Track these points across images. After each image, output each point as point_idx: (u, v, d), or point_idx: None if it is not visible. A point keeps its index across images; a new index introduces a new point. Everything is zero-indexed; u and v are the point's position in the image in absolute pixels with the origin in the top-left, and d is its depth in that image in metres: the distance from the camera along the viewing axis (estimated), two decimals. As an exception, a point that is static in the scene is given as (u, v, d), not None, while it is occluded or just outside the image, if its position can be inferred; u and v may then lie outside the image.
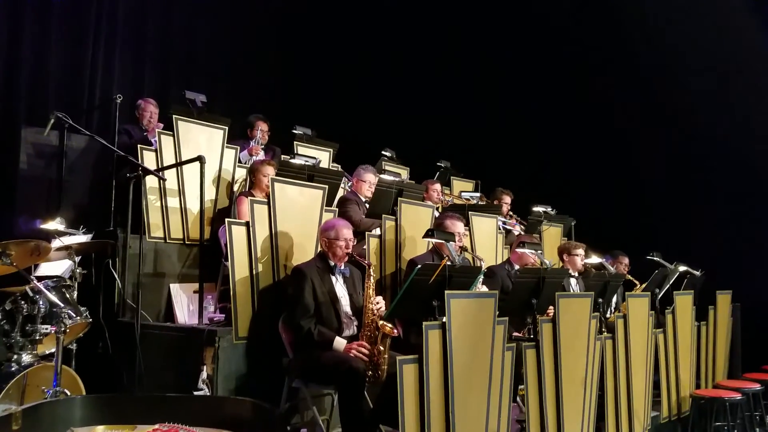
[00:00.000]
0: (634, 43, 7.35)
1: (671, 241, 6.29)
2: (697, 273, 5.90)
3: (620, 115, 7.53)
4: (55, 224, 4.01)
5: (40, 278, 3.47)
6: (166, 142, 4.84)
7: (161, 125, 5.15)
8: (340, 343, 3.45)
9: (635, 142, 7.35)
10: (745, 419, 5.36)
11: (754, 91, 6.77)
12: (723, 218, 6.87)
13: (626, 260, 6.09)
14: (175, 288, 4.57)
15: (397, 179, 5.32)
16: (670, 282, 5.69)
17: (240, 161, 5.29)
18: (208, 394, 3.55)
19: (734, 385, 5.37)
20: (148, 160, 4.71)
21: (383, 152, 7.03)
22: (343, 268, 3.69)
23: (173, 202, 4.82)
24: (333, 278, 3.64)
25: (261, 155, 5.48)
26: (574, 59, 7.77)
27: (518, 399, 3.94)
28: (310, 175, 4.37)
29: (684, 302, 5.38)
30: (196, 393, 3.54)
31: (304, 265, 3.67)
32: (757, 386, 5.34)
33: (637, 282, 5.68)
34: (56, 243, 3.76)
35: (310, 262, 3.75)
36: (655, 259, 5.95)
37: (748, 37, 6.64)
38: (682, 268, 5.79)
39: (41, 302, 3.32)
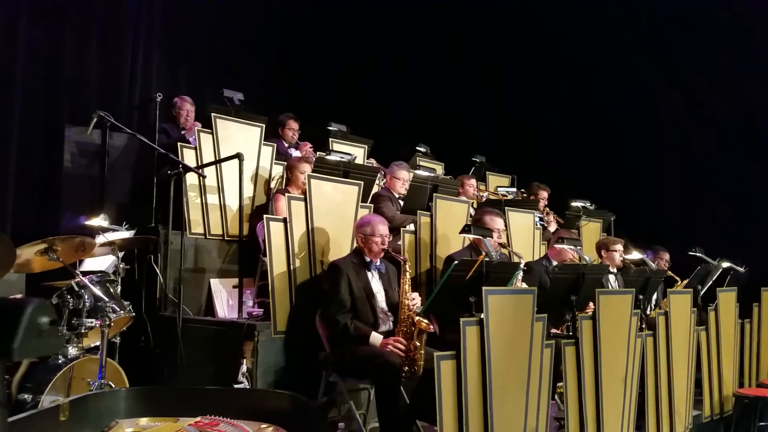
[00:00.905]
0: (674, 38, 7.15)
1: (714, 237, 6.13)
2: (741, 269, 5.74)
3: (661, 108, 7.35)
4: (98, 221, 4.09)
5: (85, 273, 3.57)
6: (205, 139, 4.92)
7: (199, 124, 5.24)
8: (376, 338, 3.47)
9: (678, 136, 7.17)
10: (790, 419, 5.20)
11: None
12: (765, 212, 6.66)
13: (667, 256, 5.95)
14: (215, 283, 4.65)
15: (431, 175, 5.31)
16: (713, 278, 5.55)
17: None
18: (248, 387, 3.61)
19: (780, 385, 5.22)
20: (188, 157, 4.80)
21: (418, 148, 7.01)
22: (378, 264, 3.69)
23: (213, 198, 4.90)
24: (369, 274, 3.65)
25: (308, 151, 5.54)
26: (613, 52, 7.62)
27: (556, 397, 3.89)
28: (345, 171, 4.39)
29: (727, 299, 5.24)
30: (236, 386, 3.60)
31: (340, 260, 3.69)
32: (803, 385, 5.18)
33: (678, 278, 5.55)
34: (100, 239, 3.83)
35: (346, 257, 3.77)
36: (697, 254, 5.81)
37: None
38: (725, 264, 5.64)
39: (86, 296, 3.39)
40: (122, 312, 3.51)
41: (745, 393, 5.08)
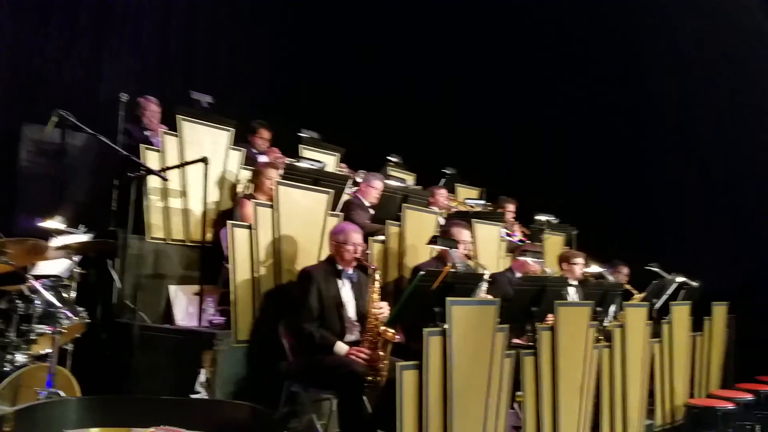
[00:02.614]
0: (642, 52, 7.37)
1: (670, 253, 6.32)
2: (695, 284, 5.94)
3: (625, 126, 7.57)
4: (54, 223, 3.96)
5: (37, 277, 3.43)
6: (170, 142, 4.82)
7: (164, 126, 5.14)
8: (341, 347, 3.45)
9: (640, 153, 7.39)
10: (736, 429, 5.38)
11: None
12: (722, 231, 6.91)
13: (626, 270, 6.11)
14: (175, 290, 4.54)
15: (402, 185, 5.32)
16: (668, 292, 5.72)
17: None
18: (206, 397, 3.54)
19: (727, 395, 5.40)
20: (151, 160, 4.68)
21: (389, 158, 7.02)
22: (351, 272, 3.68)
23: (175, 203, 4.79)
24: (340, 282, 3.64)
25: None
26: (580, 70, 7.81)
27: (515, 406, 3.94)
28: (315, 179, 4.37)
29: (681, 313, 5.41)
30: (193, 396, 3.53)
31: (312, 267, 3.67)
32: (750, 396, 5.38)
33: (635, 291, 5.70)
34: (55, 242, 3.72)
35: (318, 265, 3.75)
36: (653, 269, 5.99)
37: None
38: (679, 279, 5.83)
39: (38, 302, 3.26)
40: (76, 318, 3.39)
41: (696, 403, 5.25)
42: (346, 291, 3.65)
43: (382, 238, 4.57)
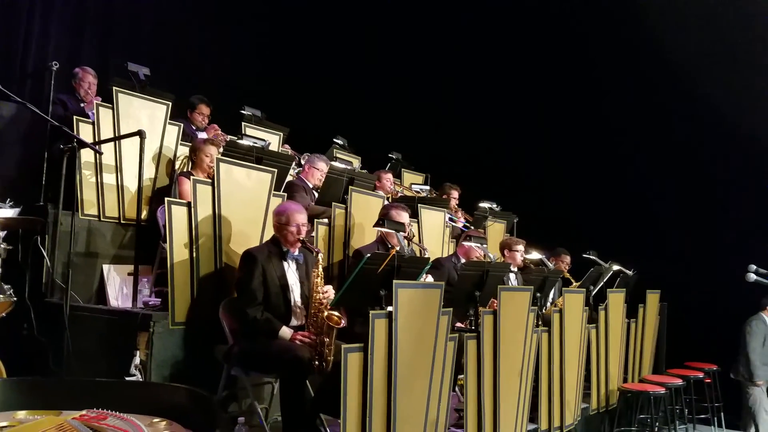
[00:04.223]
0: (589, 38, 7.53)
1: (607, 241, 6.52)
2: (630, 272, 6.17)
3: (566, 115, 7.73)
4: (-22, 197, 3.73)
5: (-42, 253, 3.23)
6: (105, 115, 4.57)
7: (99, 98, 4.89)
8: (286, 332, 3.38)
9: (578, 143, 7.57)
10: (667, 412, 5.65)
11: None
12: (657, 221, 7.19)
13: (568, 258, 6.28)
14: (109, 269, 4.35)
15: (348, 167, 5.27)
16: (604, 280, 5.92)
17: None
18: (141, 380, 3.41)
19: (658, 380, 5.64)
20: (85, 132, 4.44)
21: (335, 140, 6.94)
22: (297, 254, 3.59)
23: (110, 178, 4.57)
24: (285, 264, 3.54)
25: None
26: (525, 57, 7.91)
27: (457, 388, 3.99)
28: (258, 157, 4.25)
29: (616, 300, 5.60)
30: (127, 379, 3.39)
31: (255, 249, 3.55)
32: (680, 381, 5.63)
33: (573, 280, 5.86)
34: (-22, 216, 3.49)
35: (262, 246, 3.64)
36: (591, 257, 6.18)
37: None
38: (615, 267, 6.04)
39: (-41, 279, 3.08)
40: (1, 296, 3.19)
41: (629, 388, 5.44)
42: (291, 273, 3.56)
43: (326, 220, 4.51)
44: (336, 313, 3.29)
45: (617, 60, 7.41)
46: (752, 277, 3.72)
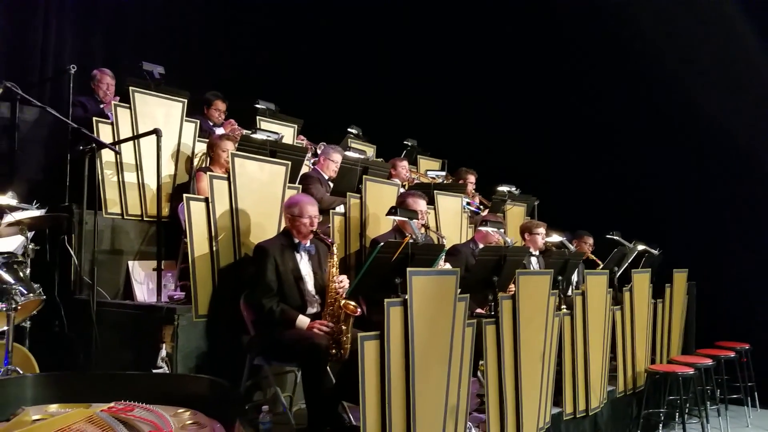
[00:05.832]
0: (600, 30, 7.39)
1: (631, 221, 6.42)
2: (655, 252, 6.06)
3: (585, 96, 7.61)
4: (6, 199, 3.84)
5: (-10, 254, 3.35)
6: (123, 114, 4.69)
7: (117, 98, 4.99)
8: (303, 321, 3.43)
9: (599, 123, 7.45)
10: (697, 393, 5.56)
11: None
12: (683, 199, 7.05)
13: (590, 240, 6.20)
14: (134, 265, 4.46)
15: (362, 157, 5.29)
16: (629, 260, 5.83)
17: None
18: (167, 372, 3.50)
19: (688, 361, 5.55)
20: (104, 133, 4.56)
21: (349, 129, 6.96)
22: (308, 245, 3.63)
23: (130, 177, 4.69)
24: (297, 256, 3.59)
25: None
26: (542, 42, 7.80)
27: (478, 374, 4.00)
28: (272, 150, 4.29)
29: (641, 280, 5.51)
30: (154, 371, 3.48)
31: (267, 242, 3.61)
32: (709, 362, 5.52)
33: (600, 262, 5.79)
34: (7, 218, 3.62)
35: (273, 239, 3.69)
36: (614, 237, 6.09)
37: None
38: (640, 247, 5.94)
39: (-10, 279, 3.19)
40: (31, 295, 3.31)
41: (657, 369, 5.36)
42: (304, 264, 3.61)
43: (341, 210, 4.53)
44: (352, 303, 3.32)
45: (642, 38, 7.24)
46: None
